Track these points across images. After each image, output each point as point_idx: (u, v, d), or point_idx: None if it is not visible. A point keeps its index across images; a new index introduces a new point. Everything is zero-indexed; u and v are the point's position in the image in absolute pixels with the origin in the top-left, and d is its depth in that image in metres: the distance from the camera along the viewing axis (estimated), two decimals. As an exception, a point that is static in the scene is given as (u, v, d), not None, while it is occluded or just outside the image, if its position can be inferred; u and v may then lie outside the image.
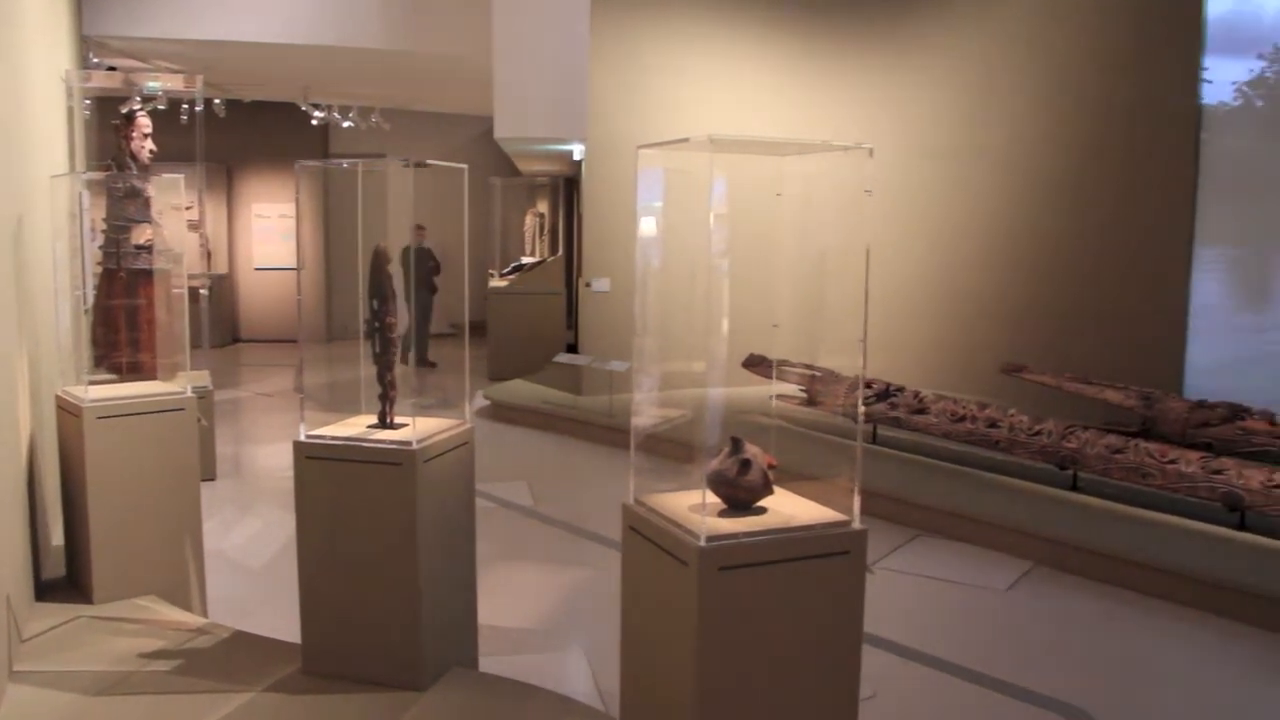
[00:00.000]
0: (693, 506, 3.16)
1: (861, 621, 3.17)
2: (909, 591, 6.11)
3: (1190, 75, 9.26)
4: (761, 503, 3.21)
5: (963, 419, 7.91)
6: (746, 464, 3.14)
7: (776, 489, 3.28)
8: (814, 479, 3.43)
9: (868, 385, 8.61)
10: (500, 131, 10.85)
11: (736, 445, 3.18)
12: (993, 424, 7.73)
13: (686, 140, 3.07)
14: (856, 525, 3.13)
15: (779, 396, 9.04)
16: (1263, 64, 9.08)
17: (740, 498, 3.17)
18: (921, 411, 8.21)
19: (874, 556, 6.54)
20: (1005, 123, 10.87)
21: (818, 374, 8.93)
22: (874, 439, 8.58)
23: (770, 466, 3.21)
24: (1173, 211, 9.30)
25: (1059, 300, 10.19)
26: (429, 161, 4.13)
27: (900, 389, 8.51)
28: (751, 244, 3.97)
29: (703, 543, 2.89)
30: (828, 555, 3.06)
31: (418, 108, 17.39)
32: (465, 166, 4.27)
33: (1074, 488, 7.31)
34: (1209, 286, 9.34)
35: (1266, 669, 5.15)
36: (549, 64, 10.77)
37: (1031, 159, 10.62)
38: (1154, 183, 9.50)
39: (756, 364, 9.02)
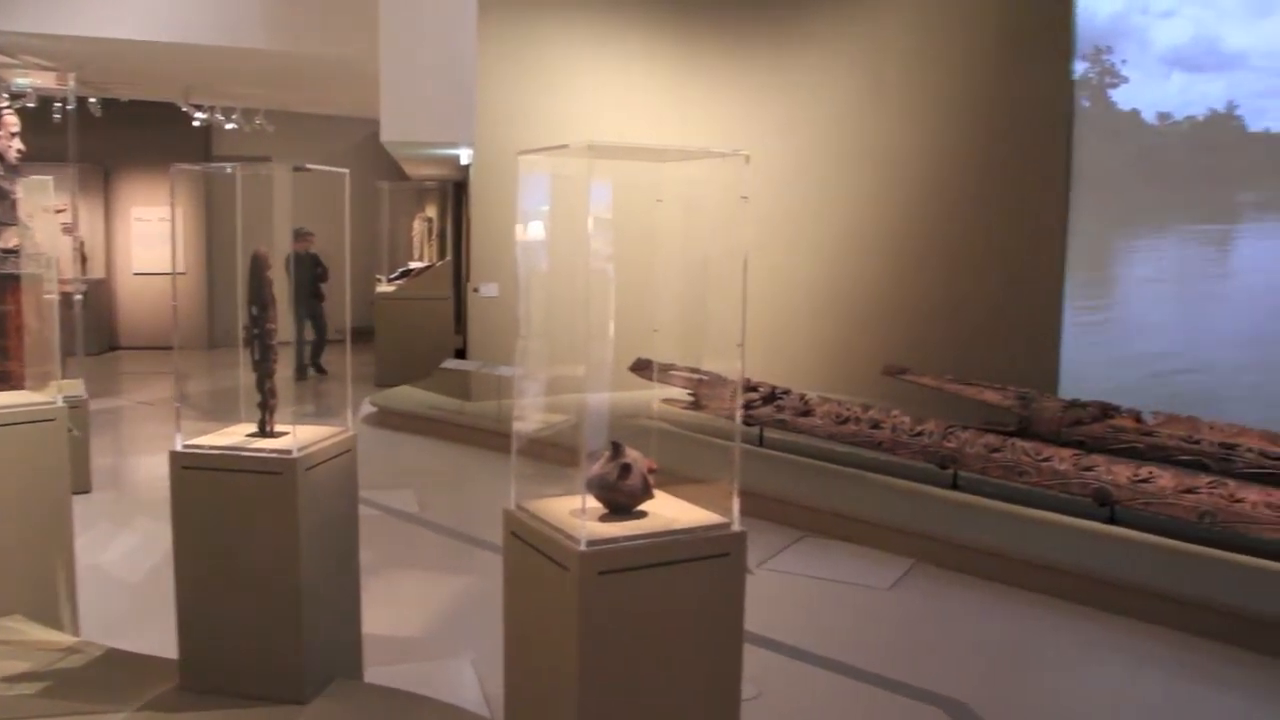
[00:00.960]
0: (573, 511, 3.17)
1: (742, 622, 3.21)
2: (795, 592, 6.20)
3: (1062, 77, 9.58)
4: (642, 506, 3.23)
5: (847, 421, 8.05)
6: (627, 468, 3.16)
7: (658, 492, 3.30)
8: (698, 482, 3.47)
9: (754, 389, 8.72)
10: (387, 135, 10.72)
11: (617, 450, 3.20)
12: (876, 425, 7.88)
13: (566, 147, 3.08)
14: (736, 527, 3.17)
15: (666, 400, 9.11)
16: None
17: (621, 502, 3.18)
18: (807, 414, 8.33)
19: (761, 558, 6.62)
20: (889, 126, 11.10)
21: (704, 378, 9.00)
22: (760, 442, 8.68)
23: (651, 470, 3.24)
24: (1047, 214, 9.59)
25: (941, 302, 10.44)
26: (308, 166, 4.07)
27: (786, 392, 8.63)
28: (635, 249, 3.98)
29: (583, 547, 2.91)
30: (707, 558, 3.09)
31: (303, 109, 17.07)
32: (346, 171, 4.22)
33: (954, 486, 7.49)
34: (1080, 288, 9.65)
35: (1135, 656, 5.34)
36: (436, 67, 10.67)
37: (914, 162, 10.86)
38: (1031, 186, 9.80)
39: (643, 368, 9.05)
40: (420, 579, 6.40)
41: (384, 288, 14.63)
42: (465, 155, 12.17)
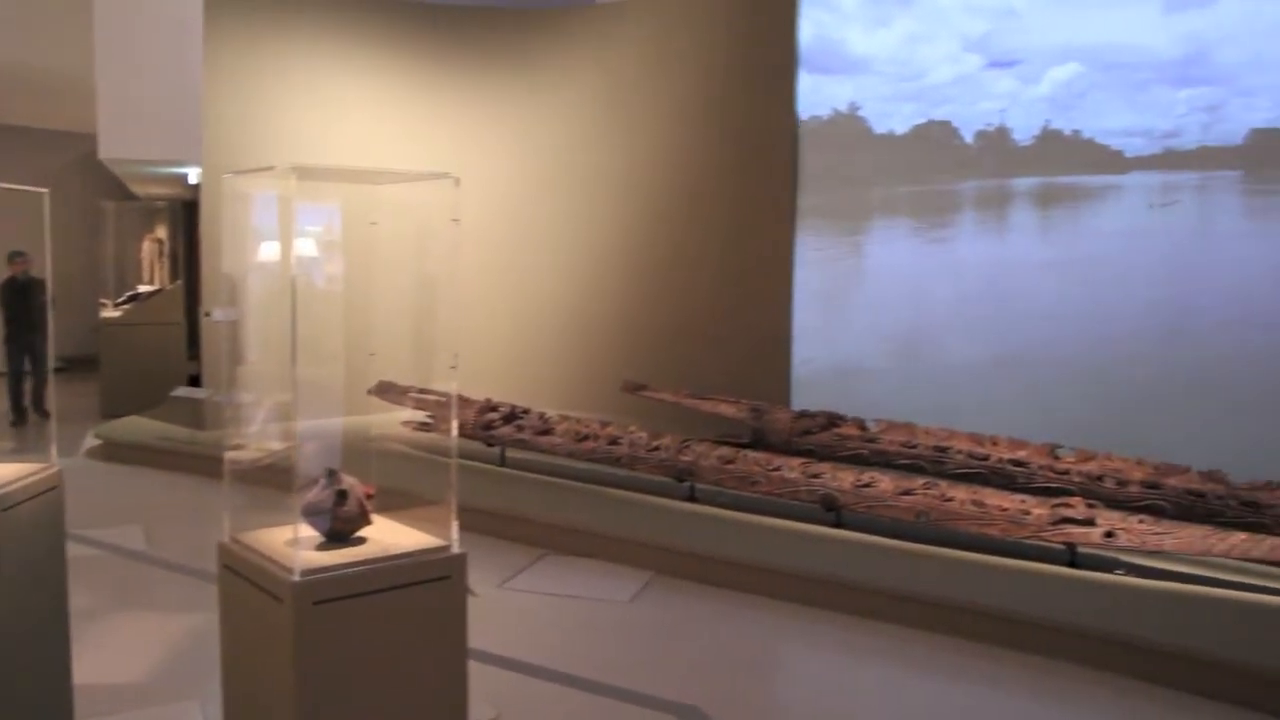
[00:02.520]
0: (289, 541, 3.09)
1: (465, 645, 3.20)
2: (535, 610, 6.22)
3: (787, 96, 10.03)
4: (362, 533, 3.19)
5: (586, 438, 8.15)
6: (343, 494, 3.11)
7: (379, 518, 3.27)
8: (423, 504, 3.45)
9: (494, 409, 8.72)
10: (105, 151, 10.22)
11: (332, 476, 3.15)
12: (614, 441, 8.01)
13: (272, 169, 3.01)
14: (456, 549, 3.16)
15: (406, 423, 9.00)
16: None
17: (338, 528, 3.13)
18: (547, 432, 8.39)
19: (502, 577, 6.62)
20: (624, 146, 11.32)
21: (444, 399, 8.94)
22: (502, 462, 8.68)
23: (368, 495, 3.20)
24: (776, 229, 10.01)
25: (678, 319, 10.72)
26: (2, 185, 3.84)
27: (526, 411, 8.67)
28: (360, 272, 3.93)
29: (296, 577, 2.84)
30: (427, 581, 3.07)
31: (15, 122, 16.04)
32: (45, 191, 3.99)
33: (691, 498, 7.68)
34: (809, 300, 10.13)
35: (861, 650, 5.62)
36: (158, 81, 10.23)
37: (649, 181, 11.12)
38: (759, 204, 10.21)
39: (385, 391, 8.92)
40: (145, 620, 6.08)
41: (110, 313, 13.87)
42: (193, 174, 11.71)
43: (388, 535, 3.22)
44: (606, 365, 11.01)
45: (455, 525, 3.19)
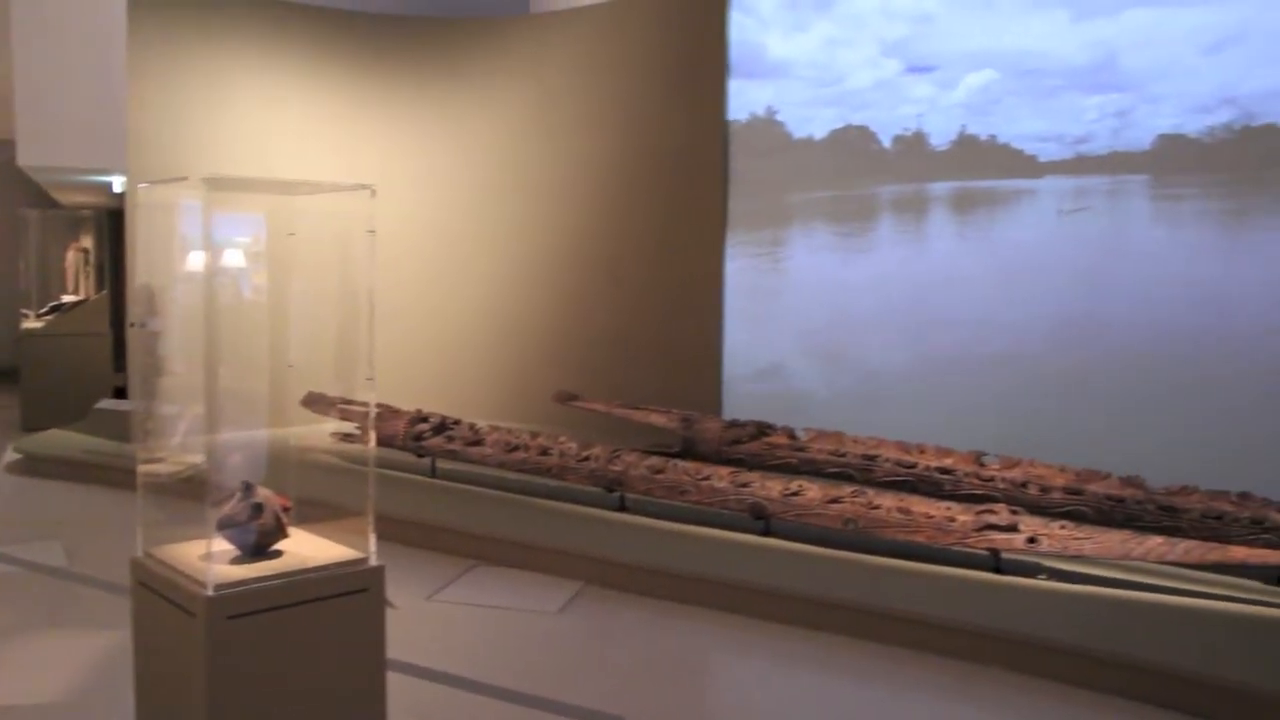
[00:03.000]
0: (203, 555, 3.05)
1: (384, 657, 3.18)
2: (464, 622, 6.18)
3: (717, 105, 10.10)
4: (279, 545, 3.16)
5: (516, 448, 8.12)
6: (258, 507, 3.08)
7: (297, 530, 3.24)
8: (355, 516, 3.42)
9: (424, 419, 8.66)
10: (24, 158, 10.01)
11: (248, 489, 3.11)
12: (545, 451, 7.99)
13: (185, 179, 2.98)
14: (374, 562, 3.14)
15: (335, 434, 8.92)
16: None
17: (253, 542, 3.10)
18: (477, 443, 8.35)
19: (430, 589, 6.58)
20: (556, 157, 11.31)
21: (376, 410, 8.86)
22: (433, 473, 8.63)
23: (285, 508, 3.17)
24: (707, 238, 10.07)
25: (610, 329, 10.73)
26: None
27: (457, 422, 8.62)
28: (282, 283, 3.90)
29: (210, 592, 2.81)
30: (344, 594, 3.05)
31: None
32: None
33: (622, 508, 7.69)
34: (735, 308, 10.20)
35: (790, 658, 5.65)
36: (80, 87, 10.05)
37: (583, 191, 11.12)
38: (690, 213, 10.25)
39: (315, 402, 8.83)
40: (64, 638, 5.95)
41: (31, 324, 13.59)
42: (117, 183, 11.52)
43: (305, 548, 3.19)
44: (539, 375, 10.98)
45: (373, 537, 3.16)
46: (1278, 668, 4.99)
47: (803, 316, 9.96)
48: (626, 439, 8.59)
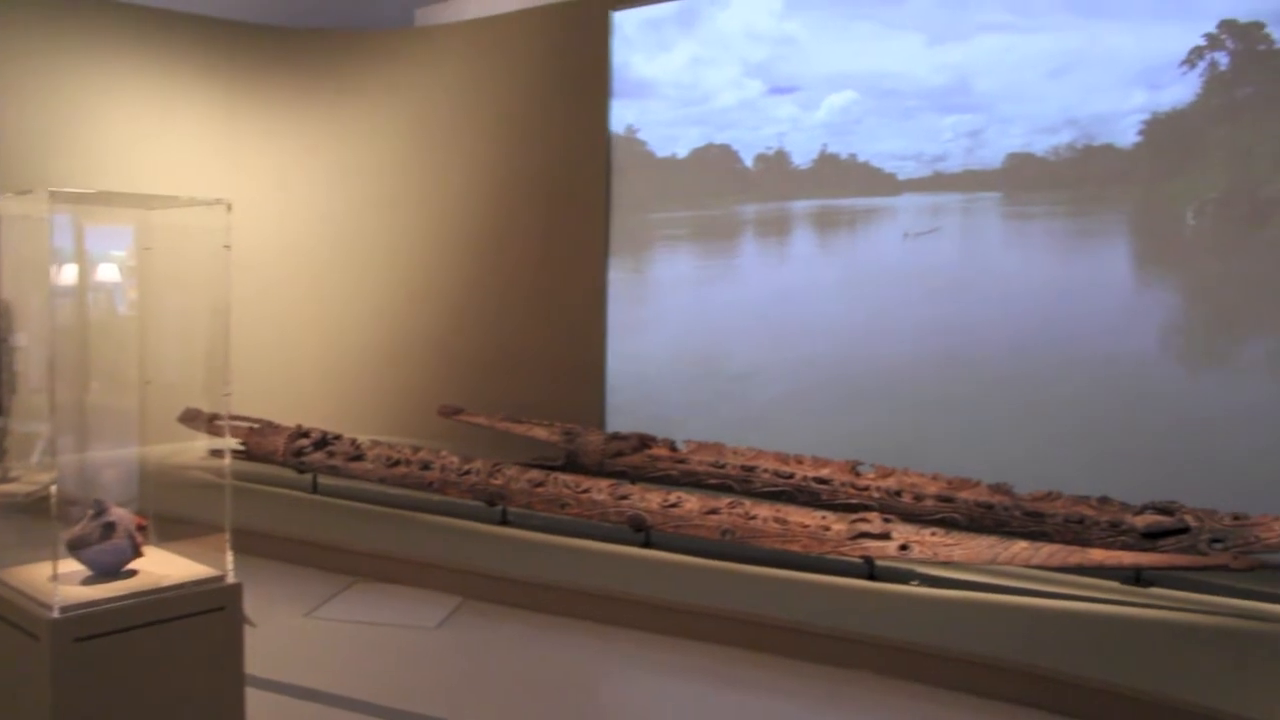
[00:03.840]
0: (52, 576, 2.99)
1: (242, 677, 3.14)
2: (341, 639, 6.11)
3: (600, 122, 10.17)
4: (134, 565, 3.10)
5: (398, 463, 8.07)
6: (110, 526, 3.03)
7: (154, 549, 3.19)
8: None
9: (305, 435, 8.55)
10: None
11: (100, 508, 3.06)
12: (426, 466, 7.95)
13: (30, 192, 2.92)
14: (231, 579, 3.10)
15: (215, 451, 8.77)
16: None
17: (106, 562, 3.04)
18: (359, 458, 8.27)
19: (308, 606, 6.49)
20: (444, 169, 11.28)
21: (255, 425, 8.76)
22: (314, 489, 8.53)
23: (140, 527, 3.12)
24: (590, 253, 10.12)
25: (494, 342, 10.72)
26: None
27: (338, 437, 8.53)
28: (146, 298, 3.84)
29: (55, 614, 2.75)
30: (200, 613, 3.01)
31: None
32: None
33: (504, 522, 7.68)
34: (621, 320, 10.29)
35: (666, 671, 5.70)
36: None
37: (468, 205, 11.10)
38: (574, 227, 10.31)
39: (192, 418, 8.67)
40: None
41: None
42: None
43: (161, 567, 3.14)
44: (426, 389, 10.91)
45: (230, 555, 3.13)
46: (1135, 665, 5.17)
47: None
48: (511, 452, 8.59)
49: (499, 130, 10.92)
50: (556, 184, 10.52)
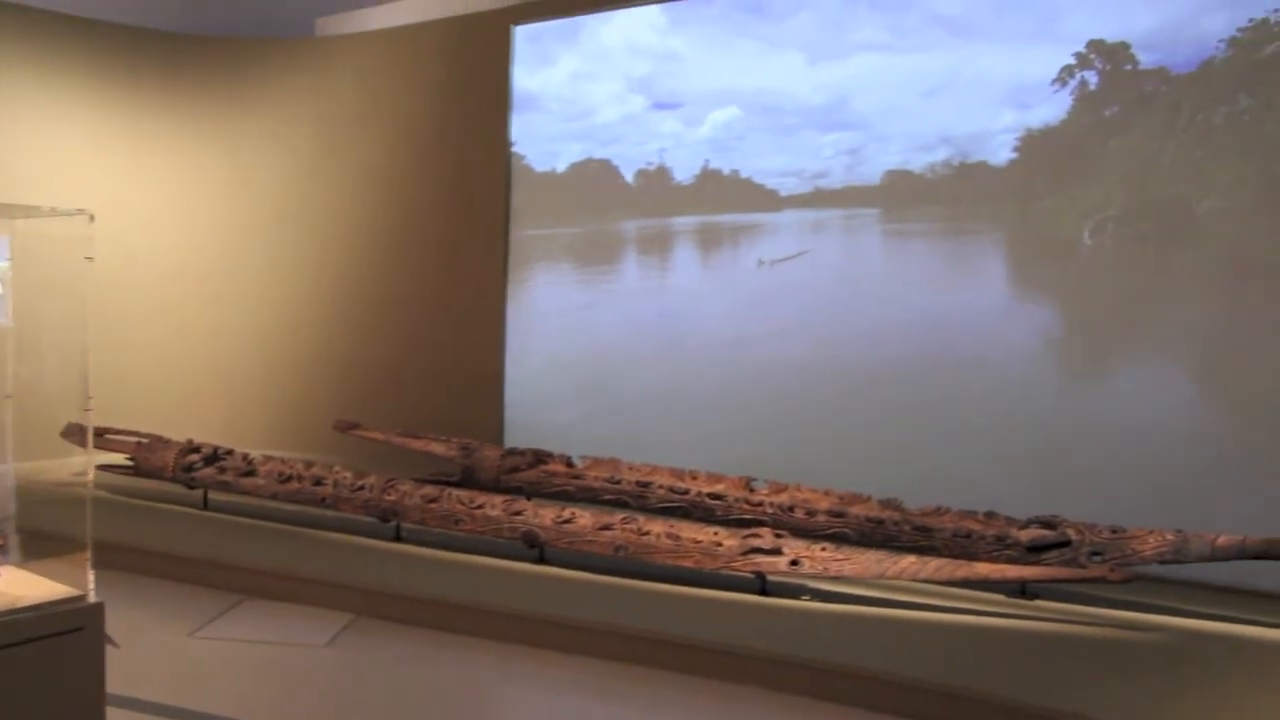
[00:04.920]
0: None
1: (103, 699, 3.07)
2: (227, 659, 5.99)
3: (500, 135, 10.17)
4: (-11, 585, 3.02)
5: (290, 479, 7.95)
6: (-37, 546, 2.94)
7: (10, 569, 3.10)
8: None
9: (196, 450, 8.39)
10: None
11: (-48, 527, 2.97)
12: (319, 481, 7.84)
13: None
14: (92, 599, 3.03)
15: (103, 466, 8.56)
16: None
17: (-43, 582, 2.95)
18: (250, 474, 8.13)
19: (193, 626, 6.36)
20: (341, 181, 11.17)
21: (143, 440, 8.57)
22: (205, 505, 8.36)
23: (-2, 546, 3.03)
24: (488, 268, 10.10)
25: (393, 357, 10.64)
26: None
27: (229, 452, 8.37)
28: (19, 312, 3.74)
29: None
30: (57, 634, 2.93)
31: None
32: None
33: (397, 539, 7.60)
34: (519, 334, 10.27)
35: (558, 687, 5.69)
36: None
37: (365, 218, 11.01)
38: (472, 242, 10.27)
39: (76, 433, 8.44)
40: None
41: None
42: None
43: (16, 588, 3.05)
44: (323, 403, 10.78)
45: (90, 573, 3.05)
46: (1018, 676, 5.28)
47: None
48: (409, 468, 8.51)
49: (399, 142, 10.85)
50: (456, 197, 10.48)
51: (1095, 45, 7.63)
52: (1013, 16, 8.09)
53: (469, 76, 10.55)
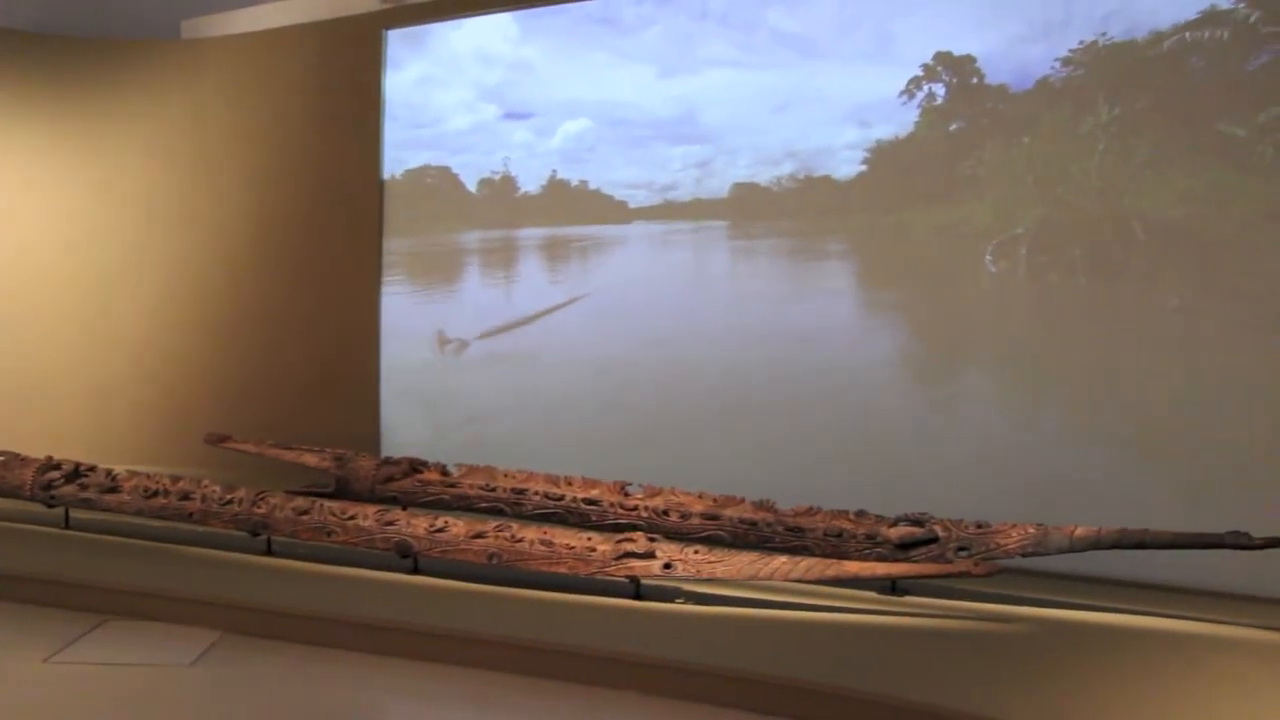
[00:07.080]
0: None
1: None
2: (84, 684, 5.78)
3: (372, 144, 10.05)
4: None
5: (156, 494, 7.74)
6: None
7: None
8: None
9: (56, 467, 8.12)
10: None
11: None
12: (186, 496, 7.65)
13: None
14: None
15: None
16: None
17: None
18: (114, 490, 7.89)
19: (49, 651, 6.14)
20: (212, 189, 10.97)
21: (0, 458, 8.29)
22: (66, 524, 8.11)
23: None
24: (362, 278, 9.98)
25: (265, 366, 10.45)
26: None
27: (92, 468, 8.12)
28: None
29: None
30: None
31: None
32: None
33: (269, 552, 7.46)
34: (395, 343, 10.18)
35: (432, 699, 5.66)
36: None
37: (237, 227, 10.83)
38: (345, 252, 10.15)
39: (-73, 451, 8.15)
40: None
41: None
42: None
43: None
44: (192, 416, 10.54)
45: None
46: (890, 672, 5.37)
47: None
48: (283, 480, 8.34)
49: (268, 147, 10.67)
50: (328, 204, 10.34)
51: (942, 57, 7.88)
52: (852, 36, 8.34)
53: (341, 80, 10.42)
